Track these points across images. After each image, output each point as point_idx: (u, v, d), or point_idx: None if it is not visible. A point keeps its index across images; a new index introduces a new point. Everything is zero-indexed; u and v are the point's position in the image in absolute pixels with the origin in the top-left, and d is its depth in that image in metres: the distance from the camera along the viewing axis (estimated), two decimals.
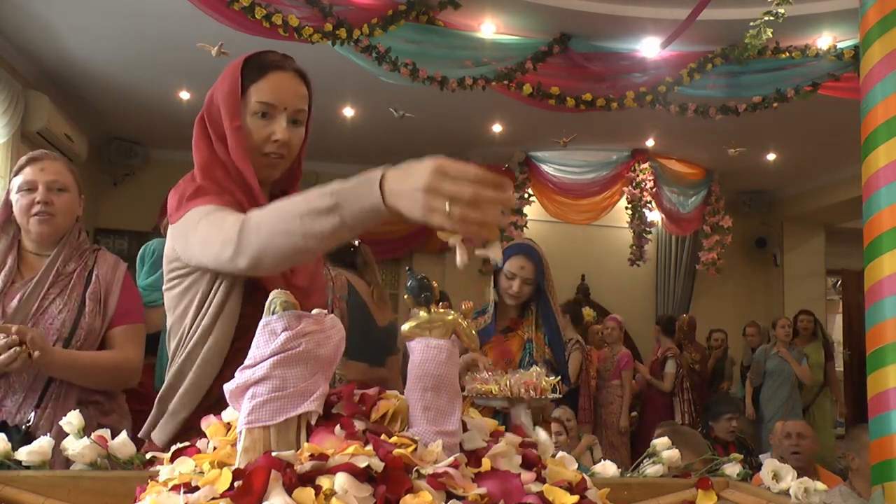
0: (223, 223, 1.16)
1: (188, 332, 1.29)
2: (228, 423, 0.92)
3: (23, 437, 1.68)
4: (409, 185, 0.91)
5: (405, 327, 0.93)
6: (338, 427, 0.81)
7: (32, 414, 1.79)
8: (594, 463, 1.26)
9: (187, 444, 0.92)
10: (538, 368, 2.29)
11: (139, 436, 1.32)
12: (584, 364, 5.37)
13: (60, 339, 1.85)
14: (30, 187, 1.92)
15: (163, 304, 1.40)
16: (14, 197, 1.94)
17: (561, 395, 2.35)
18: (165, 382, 1.32)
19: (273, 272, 1.20)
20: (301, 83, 1.36)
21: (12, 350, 1.67)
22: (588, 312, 7.19)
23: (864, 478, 2.66)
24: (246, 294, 1.27)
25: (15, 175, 1.95)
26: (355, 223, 1.00)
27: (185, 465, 0.84)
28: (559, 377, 2.31)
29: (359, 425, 0.82)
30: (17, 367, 1.70)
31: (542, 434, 1.03)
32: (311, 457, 0.75)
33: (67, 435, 1.06)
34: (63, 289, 1.90)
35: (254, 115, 1.32)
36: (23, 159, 1.97)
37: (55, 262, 1.92)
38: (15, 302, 1.84)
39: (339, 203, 1.00)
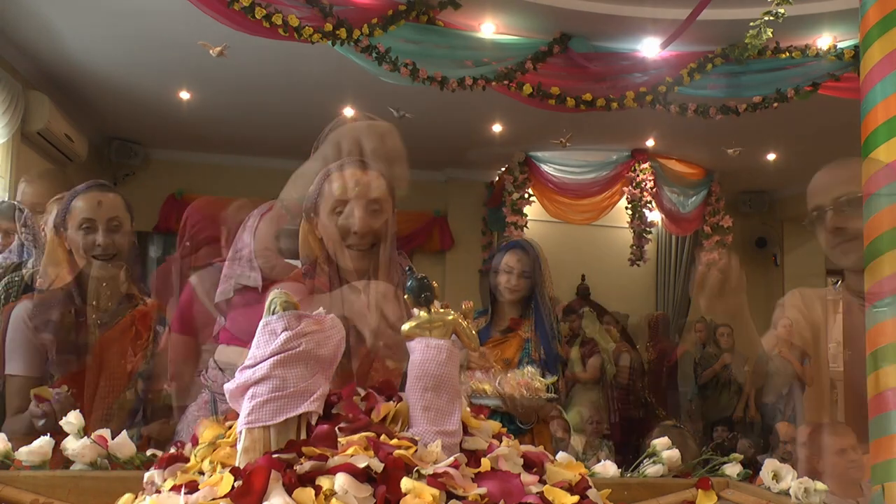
0: None
1: None
2: (228, 424, 0.92)
3: None
4: None
5: (405, 327, 0.92)
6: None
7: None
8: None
9: (179, 450, 0.92)
10: (531, 368, 2.28)
11: None
12: None
13: None
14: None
15: None
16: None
17: (556, 396, 2.34)
18: None
19: None
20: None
21: None
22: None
23: (830, 475, 2.65)
24: None
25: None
26: None
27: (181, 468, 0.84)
28: (555, 377, 2.31)
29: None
30: None
31: None
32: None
33: None
34: None
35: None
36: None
37: None
38: None
39: None
